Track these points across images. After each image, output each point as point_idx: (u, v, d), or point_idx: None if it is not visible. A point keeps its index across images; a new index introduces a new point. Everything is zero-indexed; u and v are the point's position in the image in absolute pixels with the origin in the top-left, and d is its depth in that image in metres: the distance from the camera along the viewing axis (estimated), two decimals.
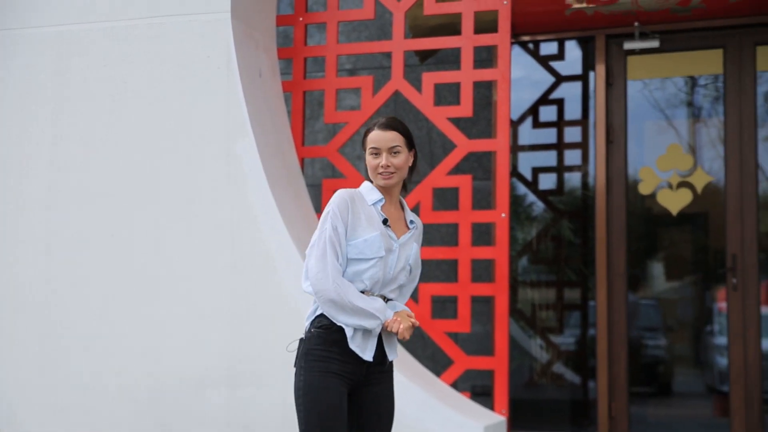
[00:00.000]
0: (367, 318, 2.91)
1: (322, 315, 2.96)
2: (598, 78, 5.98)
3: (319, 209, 5.39)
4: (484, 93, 6.43)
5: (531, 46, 6.77)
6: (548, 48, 6.81)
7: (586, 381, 6.90)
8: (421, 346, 6.36)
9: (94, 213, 4.67)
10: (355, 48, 5.70)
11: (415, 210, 5.63)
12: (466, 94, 5.02)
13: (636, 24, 5.72)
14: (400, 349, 4.69)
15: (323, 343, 2.94)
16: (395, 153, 3.00)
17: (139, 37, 4.70)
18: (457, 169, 6.21)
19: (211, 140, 4.56)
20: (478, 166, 6.47)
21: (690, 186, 6.03)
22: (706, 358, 6.99)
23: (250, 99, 4.57)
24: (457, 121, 6.24)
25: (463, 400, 4.61)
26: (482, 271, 6.12)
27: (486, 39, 5.05)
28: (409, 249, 3.06)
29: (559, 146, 6.90)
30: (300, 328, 4.33)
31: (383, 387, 3.05)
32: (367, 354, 2.95)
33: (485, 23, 5.22)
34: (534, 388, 6.98)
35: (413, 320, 3.02)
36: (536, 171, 6.94)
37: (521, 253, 7.03)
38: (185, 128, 4.61)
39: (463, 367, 4.94)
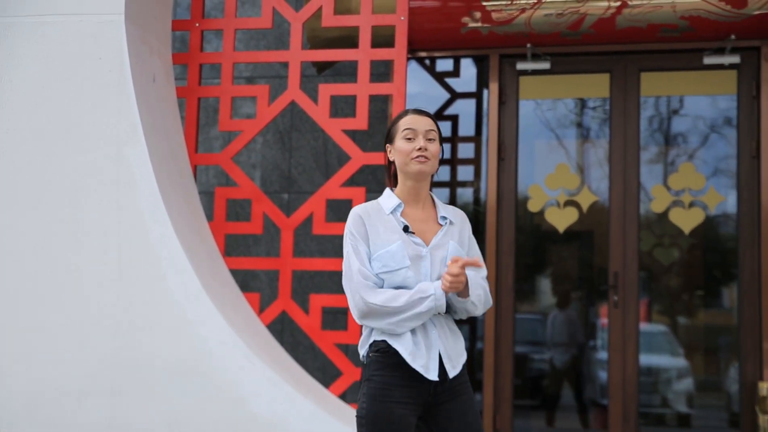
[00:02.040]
0: (415, 305, 2.69)
1: (378, 339, 2.78)
2: (491, 96, 6.11)
3: (211, 217, 5.33)
4: (381, 106, 6.49)
5: (428, 62, 6.87)
6: (444, 65, 6.92)
7: None
8: (311, 358, 6.35)
9: None
10: (252, 56, 5.67)
11: (308, 221, 5.63)
12: (362, 107, 5.05)
13: (528, 45, 5.87)
14: (287, 360, 4.67)
15: (383, 368, 2.74)
16: (431, 140, 2.83)
17: (26, 35, 4.56)
18: (352, 181, 6.24)
19: (101, 144, 4.45)
20: (373, 179, 6.51)
21: (576, 204, 6.22)
22: (589, 373, 7.20)
23: (143, 103, 4.49)
24: (353, 134, 6.27)
25: (351, 412, 4.62)
26: None
27: (383, 53, 5.10)
28: (444, 250, 2.82)
29: (453, 162, 7.01)
30: (188, 337, 4.28)
31: (457, 403, 2.79)
32: (433, 373, 2.71)
33: (383, 37, 5.28)
34: None
35: (455, 265, 2.66)
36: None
37: None
38: (74, 131, 4.48)
39: (352, 378, 4.95)
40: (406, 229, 2.80)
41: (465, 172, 7.05)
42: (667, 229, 6.45)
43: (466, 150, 7.01)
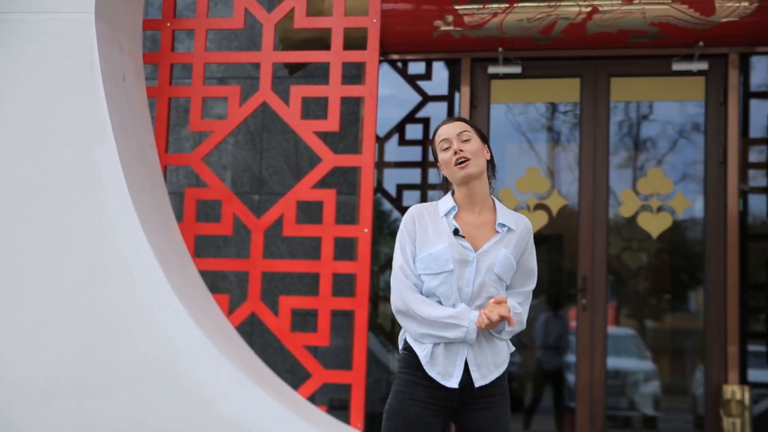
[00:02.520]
0: (445, 329, 2.71)
1: (408, 337, 2.83)
2: (462, 99, 6.14)
3: (181, 218, 5.30)
4: (353, 108, 6.49)
5: (400, 64, 6.88)
6: (416, 67, 6.93)
7: None
8: (280, 359, 6.33)
9: None
10: (223, 57, 5.65)
11: (278, 223, 5.62)
12: (334, 109, 5.05)
13: (500, 49, 5.90)
14: (256, 362, 4.65)
15: (408, 366, 2.79)
16: (465, 140, 2.83)
17: None
18: (323, 183, 6.24)
19: (70, 143, 4.41)
20: (344, 180, 6.52)
21: (546, 208, 6.26)
22: (559, 375, 7.24)
23: (113, 103, 4.46)
24: (324, 136, 6.27)
25: (320, 414, 4.61)
26: (344, 285, 6.16)
27: (355, 55, 5.10)
28: (493, 257, 2.79)
29: (424, 164, 7.03)
30: (155, 338, 4.25)
31: (488, 412, 2.78)
32: (452, 381, 2.74)
33: (355, 40, 5.28)
34: None
35: (497, 304, 2.67)
36: (401, 188, 7.04)
37: (384, 268, 7.11)
38: (42, 130, 4.44)
39: (321, 380, 4.95)
40: (456, 232, 2.80)
41: (436, 175, 7.06)
42: (636, 234, 6.51)
43: None
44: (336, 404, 6.14)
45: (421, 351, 2.76)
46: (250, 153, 6.71)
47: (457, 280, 2.76)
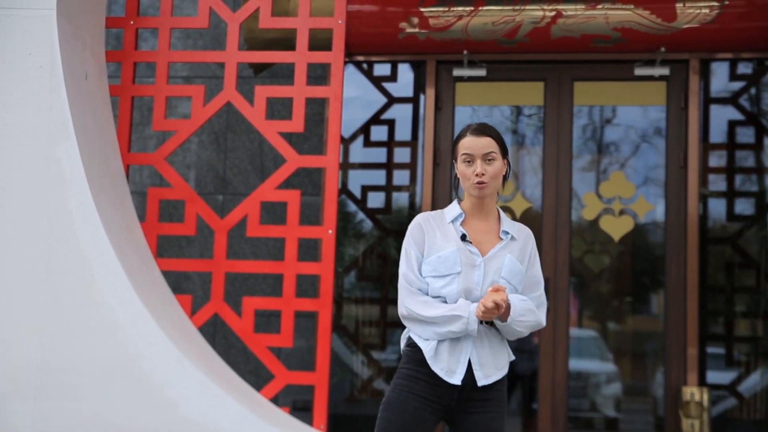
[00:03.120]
0: (447, 323, 2.77)
1: (411, 334, 2.89)
2: (427, 102, 6.16)
3: (143, 218, 5.26)
4: (318, 109, 6.49)
5: (365, 66, 6.89)
6: (382, 69, 6.94)
7: None
8: (243, 360, 6.31)
9: None
10: (187, 56, 5.62)
11: (242, 223, 5.60)
12: (298, 110, 5.04)
13: (465, 52, 5.92)
14: (218, 363, 4.63)
15: (411, 362, 2.85)
16: (490, 160, 2.87)
17: None
18: (288, 184, 6.22)
19: (31, 142, 4.36)
20: (309, 181, 6.51)
21: (510, 211, 6.30)
22: (522, 377, 7.28)
23: (75, 101, 4.41)
24: (289, 136, 6.26)
25: (282, 415, 4.60)
26: (308, 286, 6.15)
27: (320, 56, 5.09)
28: (499, 262, 2.87)
29: (389, 166, 7.04)
30: (116, 339, 4.22)
31: (483, 416, 2.83)
32: (455, 377, 2.80)
33: (321, 40, 5.27)
34: (355, 404, 7.05)
35: (496, 294, 2.72)
36: (365, 189, 7.05)
37: (348, 269, 7.11)
38: (2, 128, 4.38)
39: (284, 381, 4.94)
40: (463, 237, 2.87)
41: (401, 177, 7.08)
42: (598, 236, 6.57)
43: (402, 154, 7.04)
44: (299, 405, 6.12)
45: (426, 346, 2.82)
46: (214, 153, 6.67)
47: (466, 282, 2.83)
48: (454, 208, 2.96)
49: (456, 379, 2.80)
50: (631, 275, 7.22)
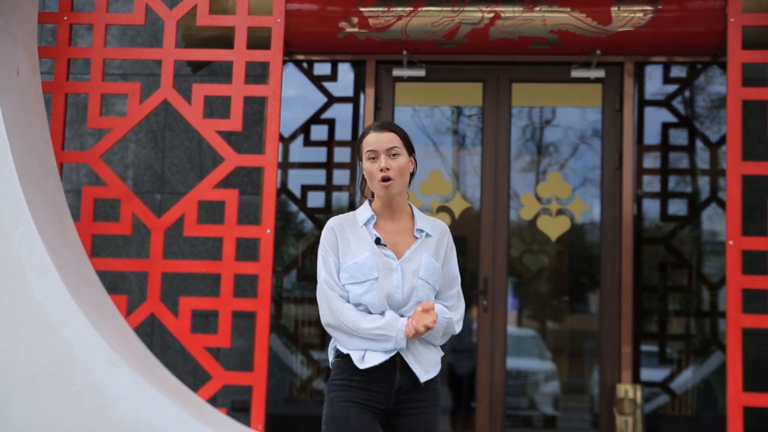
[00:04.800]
0: (374, 340, 2.72)
1: (338, 344, 2.82)
2: (367, 101, 6.17)
3: (78, 217, 5.18)
4: (258, 108, 6.45)
5: (305, 65, 6.87)
6: (322, 69, 6.93)
7: None
8: (181, 361, 6.25)
9: None
10: (122, 53, 5.55)
11: (179, 223, 5.54)
12: (237, 109, 5.02)
13: (404, 52, 5.95)
14: (154, 364, 4.58)
15: (343, 372, 2.78)
16: (394, 155, 2.83)
17: None
18: (228, 183, 6.18)
19: None
20: (248, 180, 6.47)
21: (449, 211, 6.34)
22: (461, 376, 7.33)
23: (5, 97, 4.33)
24: (229, 135, 6.22)
25: (218, 416, 4.57)
26: (248, 286, 6.11)
27: (258, 55, 5.07)
28: (416, 263, 2.83)
29: (329, 166, 7.03)
30: (49, 340, 4.14)
31: (419, 417, 2.80)
32: (389, 381, 2.76)
33: (260, 39, 5.25)
34: (294, 404, 7.03)
35: (424, 311, 2.71)
36: (305, 188, 7.03)
37: (288, 269, 7.08)
38: None
39: (221, 382, 4.91)
40: (377, 241, 2.83)
41: (341, 177, 7.08)
42: (536, 236, 6.65)
43: (342, 154, 7.04)
44: (238, 406, 6.09)
45: (356, 355, 2.78)
46: (152, 152, 6.60)
47: (385, 287, 2.78)
48: (365, 211, 2.91)
49: (390, 383, 2.76)
50: (568, 275, 7.32)
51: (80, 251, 4.68)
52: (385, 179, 2.82)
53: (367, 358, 2.76)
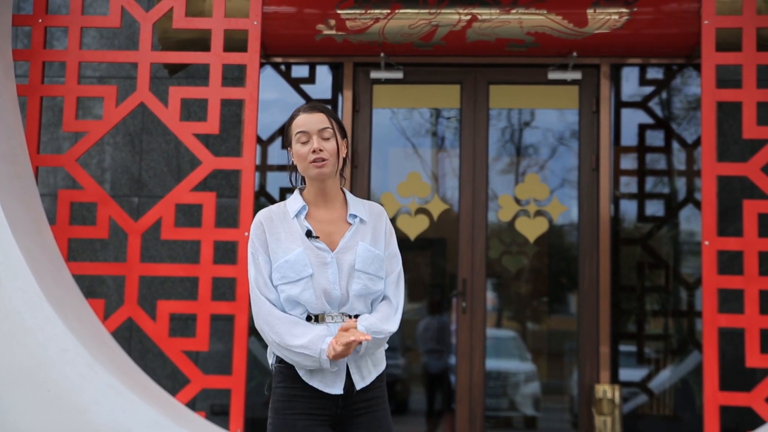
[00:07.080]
0: (298, 357, 2.55)
1: None
2: (345, 104, 6.16)
3: (54, 220, 5.15)
4: (236, 111, 6.44)
5: (283, 68, 6.87)
6: (300, 71, 6.92)
7: None
8: (160, 365, 6.22)
9: None
10: (98, 56, 5.52)
11: (156, 226, 5.51)
12: (214, 111, 5.00)
13: (382, 55, 5.95)
14: (132, 368, 4.56)
15: (285, 380, 2.63)
16: (326, 138, 2.67)
17: None
18: (205, 186, 6.16)
19: None
20: (226, 183, 6.45)
21: (427, 213, 6.35)
22: (441, 378, 7.34)
23: None
24: (206, 138, 6.20)
25: (197, 420, 4.56)
26: (226, 289, 6.10)
27: (235, 57, 5.06)
28: (352, 253, 2.65)
29: None
30: (26, 344, 4.11)
31: (373, 416, 2.67)
32: (336, 387, 2.60)
33: (237, 41, 5.24)
34: None
35: (348, 332, 2.52)
36: (284, 191, 7.02)
37: None
38: None
39: (200, 386, 4.89)
40: (309, 234, 2.65)
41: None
42: (515, 238, 6.67)
43: None
44: (217, 409, 6.07)
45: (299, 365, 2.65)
46: (129, 155, 6.57)
47: (321, 284, 2.62)
48: (296, 200, 2.73)
49: (337, 389, 2.62)
50: (547, 276, 7.35)
51: (56, 255, 4.66)
52: (318, 160, 2.66)
53: (313, 373, 2.61)
